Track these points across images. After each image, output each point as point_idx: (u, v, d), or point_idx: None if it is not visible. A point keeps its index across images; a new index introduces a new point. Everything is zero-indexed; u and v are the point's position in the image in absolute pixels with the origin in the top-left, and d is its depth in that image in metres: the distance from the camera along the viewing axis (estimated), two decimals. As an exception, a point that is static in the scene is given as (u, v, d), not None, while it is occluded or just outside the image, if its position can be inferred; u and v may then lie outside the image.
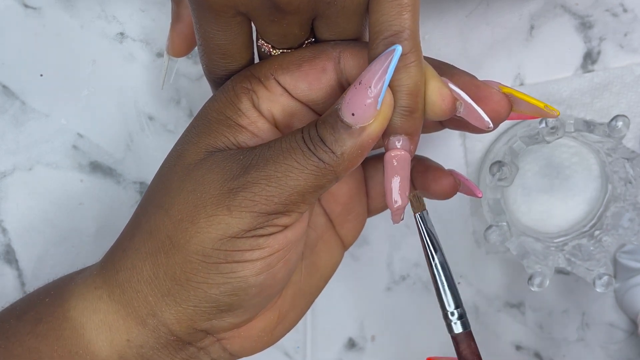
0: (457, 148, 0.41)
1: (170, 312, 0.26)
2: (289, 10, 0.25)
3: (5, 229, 0.40)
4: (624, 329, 0.43)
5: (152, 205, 0.27)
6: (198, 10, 0.25)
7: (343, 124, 0.24)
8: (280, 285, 0.28)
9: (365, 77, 0.24)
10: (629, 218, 0.38)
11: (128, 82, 0.40)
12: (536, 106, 0.27)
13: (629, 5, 0.40)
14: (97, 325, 0.27)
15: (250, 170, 0.25)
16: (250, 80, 0.27)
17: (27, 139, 0.39)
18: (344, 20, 0.26)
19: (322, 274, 0.32)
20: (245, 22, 0.26)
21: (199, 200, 0.25)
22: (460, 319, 0.28)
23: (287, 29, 0.26)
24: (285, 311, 0.30)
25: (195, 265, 0.26)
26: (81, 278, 0.28)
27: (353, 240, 0.33)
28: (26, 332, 0.27)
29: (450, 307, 0.28)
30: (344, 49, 0.26)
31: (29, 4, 0.39)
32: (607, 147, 0.38)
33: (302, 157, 0.24)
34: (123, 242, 0.28)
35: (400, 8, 0.24)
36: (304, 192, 0.25)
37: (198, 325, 0.27)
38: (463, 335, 0.28)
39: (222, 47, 0.26)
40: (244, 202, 0.25)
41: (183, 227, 0.26)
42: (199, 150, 0.26)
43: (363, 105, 0.24)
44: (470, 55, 0.40)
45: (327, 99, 0.27)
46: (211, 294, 0.26)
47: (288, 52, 0.27)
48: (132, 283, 0.27)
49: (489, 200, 0.39)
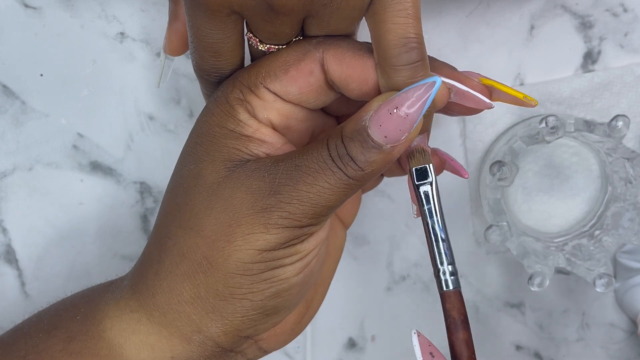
0: (457, 148, 0.41)
1: (217, 326, 0.27)
2: (283, 12, 0.25)
3: (6, 228, 0.40)
4: (624, 329, 0.43)
5: (179, 227, 0.27)
6: (192, 8, 0.25)
7: (374, 143, 0.25)
8: (315, 277, 0.29)
9: (401, 104, 0.24)
10: (629, 218, 0.38)
11: (128, 82, 0.40)
12: (515, 97, 0.28)
13: (629, 5, 0.40)
14: (137, 345, 0.27)
15: (280, 190, 0.25)
16: (241, 90, 0.27)
17: (27, 139, 0.39)
18: (336, 21, 0.26)
19: (333, 257, 0.33)
20: (238, 21, 0.26)
21: (232, 220, 0.26)
22: (452, 276, 0.28)
23: (279, 28, 0.26)
24: (310, 299, 0.31)
25: (237, 280, 0.26)
26: (112, 299, 0.29)
27: (352, 219, 0.34)
28: (58, 349, 0.28)
29: (445, 262, 0.28)
30: (327, 50, 0.27)
31: (29, 3, 0.39)
32: (608, 147, 0.38)
33: (332, 177, 0.25)
34: (152, 265, 0.28)
35: (407, 16, 0.24)
36: (333, 206, 0.26)
37: (243, 333, 0.27)
38: (452, 294, 0.28)
39: (214, 46, 0.27)
40: (279, 221, 0.25)
41: (219, 246, 0.26)
42: (217, 168, 0.27)
43: (398, 130, 0.25)
44: (470, 55, 0.40)
45: (318, 97, 0.27)
46: (257, 302, 0.27)
47: (271, 56, 0.27)
48: (172, 305, 0.27)
49: (489, 200, 0.39)
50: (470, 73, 0.28)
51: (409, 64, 0.25)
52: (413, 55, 0.25)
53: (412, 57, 0.25)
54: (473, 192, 0.42)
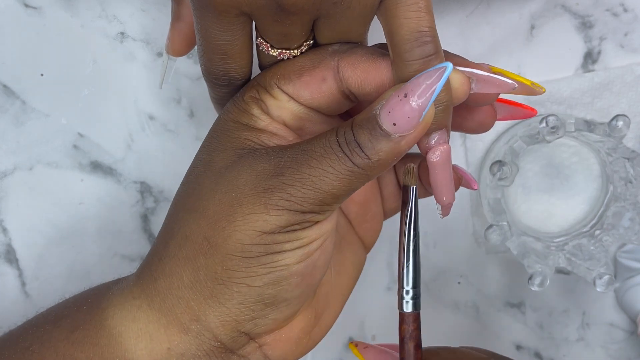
0: (457, 148, 0.41)
1: (214, 314, 0.26)
2: (293, 11, 0.25)
3: (6, 228, 0.40)
4: (624, 329, 0.43)
5: (184, 210, 0.27)
6: (200, 9, 0.25)
7: (382, 131, 0.24)
8: (319, 274, 0.28)
9: (411, 90, 0.24)
10: (630, 218, 0.38)
11: (128, 82, 0.40)
12: (523, 84, 0.27)
13: (629, 5, 0.40)
14: (136, 334, 0.27)
15: (284, 172, 0.25)
16: (257, 89, 0.27)
17: (28, 139, 0.39)
18: (348, 21, 0.26)
19: (349, 274, 0.32)
20: (247, 22, 0.26)
21: (234, 200, 0.26)
22: (414, 299, 0.28)
23: (289, 29, 0.26)
24: (320, 311, 0.30)
25: (236, 262, 0.26)
26: (118, 288, 0.28)
27: (373, 241, 0.33)
28: (61, 338, 0.27)
29: (409, 285, 0.28)
30: (342, 58, 0.27)
31: (30, 3, 0.39)
32: (608, 147, 0.38)
33: (337, 162, 0.25)
34: (158, 251, 0.28)
35: (419, 9, 0.24)
36: (337, 195, 0.25)
37: (242, 327, 0.27)
38: (411, 316, 0.28)
39: (223, 48, 0.26)
40: (280, 202, 0.25)
41: (220, 226, 0.26)
42: (227, 155, 0.27)
43: (406, 118, 0.24)
44: (470, 55, 0.40)
45: (330, 104, 0.27)
46: (255, 287, 0.26)
47: (288, 61, 0.27)
48: (172, 290, 0.27)
49: (489, 199, 0.39)
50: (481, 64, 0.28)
51: (423, 58, 0.25)
52: (427, 48, 0.25)
53: (426, 50, 0.25)
54: (473, 191, 0.42)
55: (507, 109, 0.30)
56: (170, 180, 0.40)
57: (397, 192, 0.33)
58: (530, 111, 0.30)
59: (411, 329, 0.28)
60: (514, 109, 0.30)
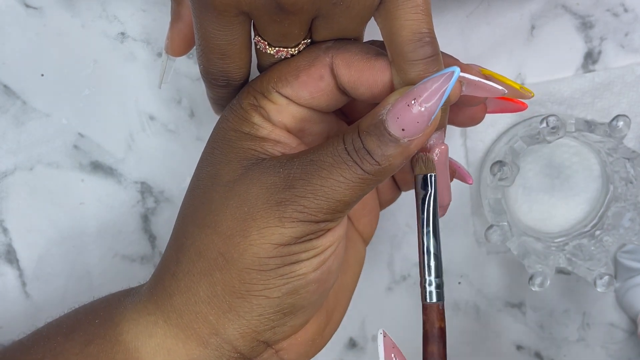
0: (458, 148, 0.41)
1: (234, 327, 0.26)
2: (292, 11, 0.25)
3: (6, 228, 0.40)
4: (625, 329, 0.43)
5: (194, 225, 0.27)
6: (199, 9, 0.25)
7: (391, 137, 0.25)
8: (333, 278, 0.28)
9: (419, 94, 0.24)
10: (630, 218, 0.38)
11: (129, 82, 0.40)
12: (512, 87, 0.28)
13: (629, 5, 0.40)
14: (153, 349, 0.27)
15: (295, 184, 0.25)
16: (254, 95, 0.27)
17: (28, 139, 0.39)
18: (346, 21, 0.26)
19: (353, 270, 0.32)
20: (246, 22, 0.26)
21: (247, 214, 0.26)
22: (437, 289, 0.28)
23: (288, 29, 0.26)
24: (331, 310, 0.31)
25: (253, 275, 0.26)
26: (130, 303, 0.28)
27: (370, 234, 0.34)
28: (75, 352, 0.27)
29: (431, 275, 0.28)
30: (336, 55, 0.27)
31: (30, 3, 0.39)
32: (608, 147, 0.38)
33: (347, 170, 0.25)
34: (169, 267, 0.28)
35: (420, 12, 0.25)
36: (349, 202, 0.26)
37: (261, 336, 0.27)
38: (434, 307, 0.28)
39: (222, 48, 0.26)
40: (294, 214, 0.25)
41: (235, 242, 0.26)
42: (234, 167, 0.27)
43: (415, 123, 0.24)
44: (471, 55, 0.40)
45: (329, 101, 0.27)
46: (274, 299, 0.26)
47: (283, 63, 0.27)
48: (189, 305, 0.27)
49: (489, 200, 0.39)
50: (471, 65, 0.28)
51: (424, 59, 0.25)
52: (427, 50, 0.25)
53: (427, 51, 0.25)
54: (474, 192, 0.42)
55: (497, 102, 0.30)
56: (170, 180, 0.41)
57: (391, 183, 0.33)
58: (520, 105, 0.30)
59: (435, 320, 0.27)
60: (505, 103, 0.30)
